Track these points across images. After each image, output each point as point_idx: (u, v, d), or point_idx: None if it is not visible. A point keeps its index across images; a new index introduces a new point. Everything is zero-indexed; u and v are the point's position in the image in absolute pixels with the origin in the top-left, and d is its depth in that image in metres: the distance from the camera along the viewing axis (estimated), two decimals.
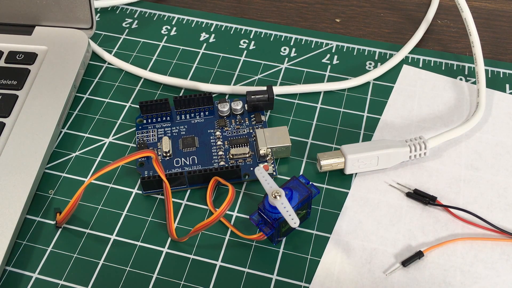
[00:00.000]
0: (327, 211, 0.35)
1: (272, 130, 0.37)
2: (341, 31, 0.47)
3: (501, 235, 0.33)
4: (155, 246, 0.33)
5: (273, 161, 0.37)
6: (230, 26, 0.47)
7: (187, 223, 0.34)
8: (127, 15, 0.48)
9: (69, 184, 0.36)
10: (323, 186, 0.36)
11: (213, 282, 0.32)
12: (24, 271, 0.32)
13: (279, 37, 0.46)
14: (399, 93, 0.42)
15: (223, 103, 0.39)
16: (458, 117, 0.40)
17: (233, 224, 0.34)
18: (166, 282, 0.32)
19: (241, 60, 0.44)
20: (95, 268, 0.32)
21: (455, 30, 0.47)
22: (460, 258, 0.32)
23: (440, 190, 0.35)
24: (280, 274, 0.32)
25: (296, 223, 0.29)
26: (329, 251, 0.33)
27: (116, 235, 0.34)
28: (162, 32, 0.47)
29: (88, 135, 0.39)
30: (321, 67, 0.44)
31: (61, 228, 0.34)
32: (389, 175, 0.36)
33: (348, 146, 0.36)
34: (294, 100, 0.41)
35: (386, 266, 0.32)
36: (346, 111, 0.40)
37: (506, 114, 0.40)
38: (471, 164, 0.37)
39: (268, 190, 0.30)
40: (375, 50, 0.45)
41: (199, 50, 0.45)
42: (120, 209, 0.35)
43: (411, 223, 0.34)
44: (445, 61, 0.44)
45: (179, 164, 0.36)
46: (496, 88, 0.42)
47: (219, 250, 0.33)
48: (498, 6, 0.49)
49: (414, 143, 0.36)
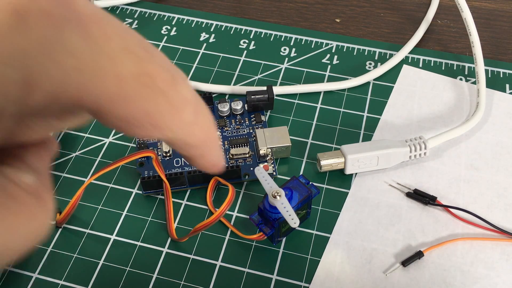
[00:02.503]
0: (327, 211, 0.35)
1: (272, 130, 0.37)
2: (341, 31, 0.47)
3: (501, 235, 0.33)
4: (155, 246, 0.33)
5: (273, 161, 0.37)
6: (230, 26, 0.47)
7: (187, 223, 0.34)
8: (127, 15, 0.48)
9: (69, 184, 0.36)
10: (323, 186, 0.36)
11: (213, 282, 0.32)
12: (24, 271, 0.32)
13: (279, 37, 0.46)
14: (399, 93, 0.42)
15: (223, 103, 0.39)
16: (458, 117, 0.40)
17: (233, 224, 0.34)
18: (166, 282, 0.32)
19: (241, 60, 0.44)
20: (95, 268, 0.32)
21: (455, 30, 0.47)
22: (460, 258, 0.32)
23: (440, 190, 0.35)
24: (280, 274, 0.32)
25: (296, 223, 0.29)
26: (329, 251, 0.33)
27: (116, 235, 0.34)
28: (162, 32, 0.47)
29: (88, 135, 0.39)
30: (321, 67, 0.44)
31: (61, 228, 0.34)
32: (389, 175, 0.36)
33: (348, 146, 0.36)
34: (294, 100, 0.41)
35: (386, 266, 0.32)
36: (346, 111, 0.40)
37: (506, 114, 0.40)
38: (471, 164, 0.37)
39: (268, 190, 0.30)
40: (375, 50, 0.45)
41: (199, 50, 0.45)
42: (120, 209, 0.35)
43: (411, 223, 0.34)
44: (445, 61, 0.44)
45: (179, 164, 0.36)
46: (496, 88, 0.42)
47: (219, 250, 0.33)
48: (498, 6, 0.49)
49: (414, 143, 0.36)
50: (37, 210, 0.13)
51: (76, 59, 0.12)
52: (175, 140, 0.16)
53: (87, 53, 0.12)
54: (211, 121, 0.17)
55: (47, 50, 0.12)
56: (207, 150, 0.17)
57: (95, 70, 0.13)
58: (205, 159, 0.17)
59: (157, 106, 0.14)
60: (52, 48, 0.12)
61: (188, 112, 0.15)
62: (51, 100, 0.12)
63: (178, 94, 0.15)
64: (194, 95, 0.16)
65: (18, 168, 0.14)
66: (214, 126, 0.17)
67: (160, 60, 0.15)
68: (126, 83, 0.13)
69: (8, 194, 0.13)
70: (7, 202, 0.13)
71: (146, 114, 0.14)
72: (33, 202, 0.13)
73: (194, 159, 0.17)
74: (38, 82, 0.12)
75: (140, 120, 0.14)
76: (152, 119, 0.14)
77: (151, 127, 0.14)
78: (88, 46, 0.12)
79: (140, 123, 0.14)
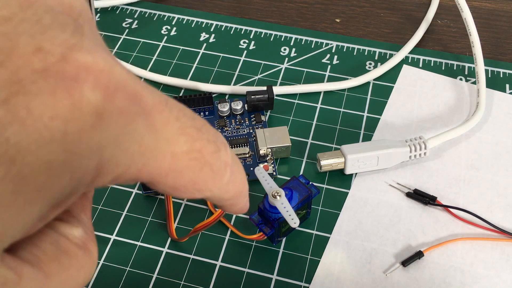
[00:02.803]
0: (327, 211, 0.35)
1: (272, 130, 0.37)
2: (341, 31, 0.47)
3: (501, 235, 0.33)
4: (155, 246, 0.33)
5: (273, 161, 0.37)
6: (230, 26, 0.47)
7: (187, 223, 0.34)
8: (127, 15, 0.48)
9: None
10: (323, 186, 0.36)
11: (213, 282, 0.32)
12: None
13: (279, 37, 0.46)
14: (399, 93, 0.42)
15: (223, 103, 0.39)
16: (458, 117, 0.40)
17: (233, 224, 0.34)
18: (166, 282, 0.32)
19: (241, 60, 0.44)
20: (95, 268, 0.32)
21: (455, 30, 0.47)
22: (460, 258, 0.32)
23: (440, 190, 0.35)
24: (280, 274, 0.32)
25: (296, 223, 0.29)
26: (329, 251, 0.33)
27: (116, 235, 0.34)
28: (162, 32, 0.47)
29: None
30: (321, 67, 0.44)
31: None
32: (389, 175, 0.36)
33: (348, 146, 0.36)
34: (294, 100, 0.41)
35: (386, 266, 0.32)
36: (346, 111, 0.40)
37: (506, 114, 0.40)
38: (471, 164, 0.37)
39: (268, 190, 0.30)
40: (375, 50, 0.45)
41: (199, 50, 0.45)
42: (120, 209, 0.35)
43: (411, 223, 0.34)
44: (445, 61, 0.44)
45: None
46: (496, 88, 0.42)
47: (219, 250, 0.33)
48: (498, 6, 0.49)
49: (414, 143, 0.36)
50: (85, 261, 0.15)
51: (141, 146, 0.14)
52: (212, 198, 0.17)
53: (150, 139, 0.14)
54: (244, 177, 0.19)
55: (120, 142, 0.13)
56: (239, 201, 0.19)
57: (155, 152, 0.14)
58: (235, 207, 0.19)
59: (203, 175, 0.16)
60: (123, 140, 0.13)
61: (227, 174, 0.17)
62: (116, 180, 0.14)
63: (220, 162, 0.16)
64: (232, 158, 0.17)
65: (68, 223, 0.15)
66: (246, 179, 0.19)
67: (207, 133, 0.16)
68: (179, 160, 0.15)
69: (62, 249, 0.14)
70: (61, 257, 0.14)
71: (192, 183, 0.16)
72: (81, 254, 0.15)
73: (225, 208, 0.19)
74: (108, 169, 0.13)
75: (187, 187, 0.16)
76: (197, 186, 0.16)
77: (196, 191, 0.16)
78: (151, 134, 0.14)
79: (186, 189, 0.16)
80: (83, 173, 0.13)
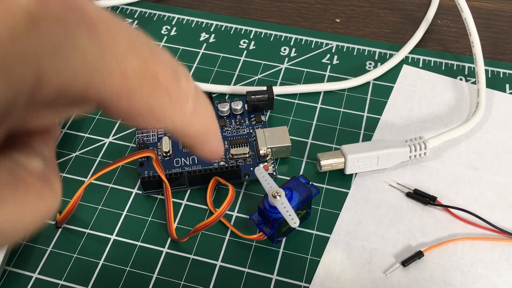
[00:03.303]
0: (327, 211, 0.35)
1: (272, 130, 0.37)
2: (341, 31, 0.47)
3: (501, 235, 0.33)
4: (155, 246, 0.33)
5: (273, 161, 0.37)
6: (230, 26, 0.47)
7: (187, 223, 0.34)
8: (127, 15, 0.49)
9: (69, 184, 0.36)
10: (323, 186, 0.36)
11: (213, 282, 0.32)
12: (24, 271, 0.32)
13: (279, 37, 0.46)
14: (399, 93, 0.42)
15: (223, 103, 0.39)
16: (458, 117, 0.40)
17: (233, 224, 0.34)
18: (166, 282, 0.32)
19: (241, 60, 0.44)
20: (95, 268, 0.32)
21: (455, 30, 0.47)
22: (460, 258, 0.32)
23: (440, 190, 0.35)
24: (280, 274, 0.32)
25: (296, 223, 0.29)
26: (329, 251, 0.33)
27: (116, 235, 0.34)
28: (162, 32, 0.47)
29: (88, 135, 0.39)
30: (321, 67, 0.44)
31: (61, 228, 0.34)
32: (389, 175, 0.36)
33: (348, 146, 0.36)
34: (294, 100, 0.41)
35: (386, 266, 0.32)
36: (346, 111, 0.40)
37: (506, 114, 0.40)
38: (471, 164, 0.37)
39: (268, 190, 0.30)
40: (375, 50, 0.45)
41: (199, 50, 0.45)
42: (120, 209, 0.35)
43: (411, 223, 0.34)
44: (445, 61, 0.44)
45: (179, 164, 0.36)
46: (496, 88, 0.42)
47: (219, 250, 0.33)
48: (498, 6, 0.49)
49: (414, 143, 0.36)
50: (45, 192, 0.14)
51: (84, 58, 0.13)
52: (175, 130, 0.17)
53: (94, 53, 0.13)
54: (211, 113, 0.18)
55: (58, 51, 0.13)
56: (206, 139, 0.18)
57: (101, 67, 0.14)
58: (204, 147, 0.18)
59: (159, 100, 0.15)
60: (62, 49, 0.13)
61: (189, 105, 0.16)
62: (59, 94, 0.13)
63: (179, 89, 0.16)
64: (195, 90, 0.17)
65: (27, 154, 0.15)
66: (214, 117, 0.18)
67: (164, 58, 0.15)
68: (130, 80, 0.14)
69: (17, 177, 0.14)
70: (16, 184, 0.14)
71: (148, 108, 0.15)
72: (41, 185, 0.14)
73: (194, 147, 0.18)
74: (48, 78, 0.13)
75: (143, 112, 0.15)
76: (154, 111, 0.15)
77: (153, 118, 0.16)
78: (96, 47, 0.13)
79: (143, 114, 0.15)
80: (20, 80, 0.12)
